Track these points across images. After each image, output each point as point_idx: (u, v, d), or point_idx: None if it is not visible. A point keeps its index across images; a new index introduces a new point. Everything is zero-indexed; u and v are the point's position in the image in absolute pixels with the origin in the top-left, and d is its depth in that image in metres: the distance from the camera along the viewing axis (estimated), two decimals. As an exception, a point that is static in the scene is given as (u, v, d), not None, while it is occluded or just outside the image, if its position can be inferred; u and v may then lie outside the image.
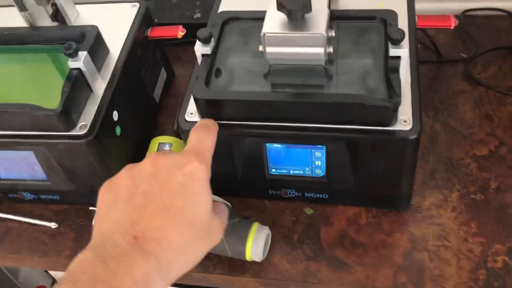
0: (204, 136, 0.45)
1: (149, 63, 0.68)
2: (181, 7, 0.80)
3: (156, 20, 0.79)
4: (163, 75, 0.73)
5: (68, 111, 0.53)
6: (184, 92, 0.56)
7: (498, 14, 0.77)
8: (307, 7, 0.45)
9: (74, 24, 0.65)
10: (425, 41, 0.75)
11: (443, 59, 0.73)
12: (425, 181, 0.61)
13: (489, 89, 0.69)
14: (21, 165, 0.59)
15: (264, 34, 0.48)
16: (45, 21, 0.65)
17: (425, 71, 0.72)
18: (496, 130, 0.64)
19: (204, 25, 0.63)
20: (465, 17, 0.78)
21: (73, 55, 0.54)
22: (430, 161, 0.62)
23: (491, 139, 0.64)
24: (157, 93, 0.71)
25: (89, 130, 0.54)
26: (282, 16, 0.47)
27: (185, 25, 0.76)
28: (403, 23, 0.58)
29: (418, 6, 0.63)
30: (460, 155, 0.63)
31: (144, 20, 0.66)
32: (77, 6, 0.67)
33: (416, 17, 0.61)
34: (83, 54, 0.55)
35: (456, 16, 0.79)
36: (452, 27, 0.61)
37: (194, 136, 0.45)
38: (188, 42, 0.68)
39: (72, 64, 0.54)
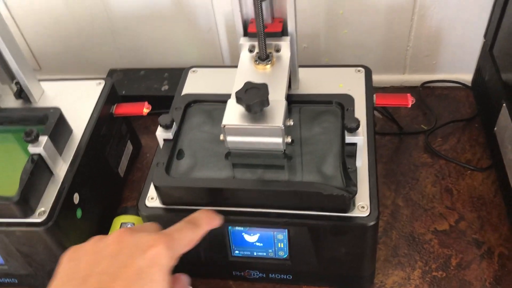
0: (187, 228, 0.43)
1: (114, 139, 0.68)
2: (149, 79, 0.80)
3: (123, 92, 0.80)
4: (128, 148, 0.73)
5: (26, 198, 0.52)
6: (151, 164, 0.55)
7: (455, 86, 0.80)
8: (265, 103, 0.47)
9: (38, 102, 0.65)
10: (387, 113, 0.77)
11: (404, 131, 0.75)
12: (387, 258, 0.61)
13: (449, 161, 0.71)
14: (-23, 249, 0.57)
15: (224, 126, 0.49)
16: (9, 99, 0.65)
17: (386, 142, 0.74)
18: (456, 204, 0.66)
19: (171, 97, 0.64)
20: (424, 89, 0.81)
21: (34, 141, 0.53)
22: (393, 237, 0.63)
23: (451, 213, 0.65)
24: (122, 167, 0.71)
25: (48, 216, 0.53)
26: (241, 107, 0.49)
27: (153, 98, 0.77)
28: (361, 103, 0.60)
29: (378, 78, 0.65)
30: (421, 230, 0.63)
31: (109, 98, 0.66)
32: (42, 83, 0.67)
33: (374, 96, 0.63)
34: (44, 139, 0.54)
35: (415, 88, 0.82)
36: (409, 106, 0.63)
37: (178, 224, 0.43)
38: (156, 113, 0.69)
39: (32, 149, 0.54)
